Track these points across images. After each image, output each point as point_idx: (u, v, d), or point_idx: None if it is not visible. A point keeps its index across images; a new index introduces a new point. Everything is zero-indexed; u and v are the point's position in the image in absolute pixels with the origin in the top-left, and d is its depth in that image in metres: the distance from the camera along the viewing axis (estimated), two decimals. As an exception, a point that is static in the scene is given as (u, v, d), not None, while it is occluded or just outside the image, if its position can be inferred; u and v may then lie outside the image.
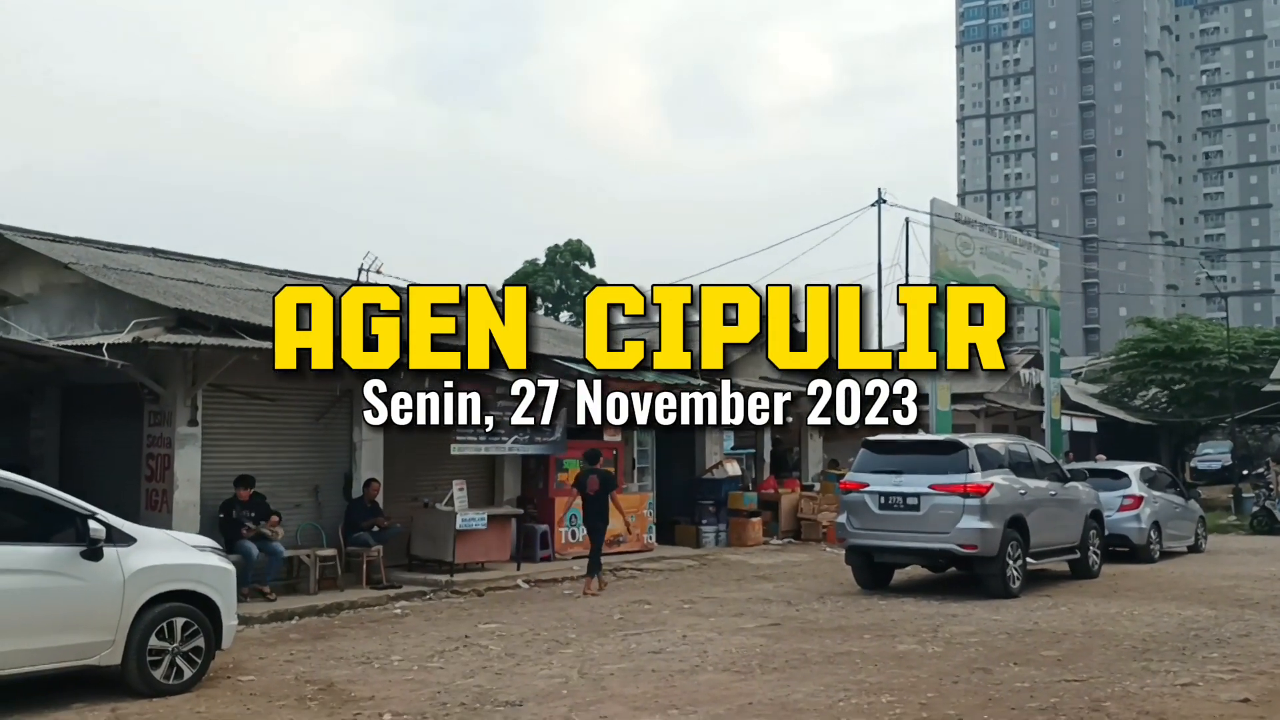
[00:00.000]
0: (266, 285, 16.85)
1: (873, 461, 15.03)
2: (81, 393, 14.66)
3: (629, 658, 10.27)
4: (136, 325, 13.04)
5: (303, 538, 14.76)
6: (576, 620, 12.54)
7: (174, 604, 8.88)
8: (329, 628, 12.27)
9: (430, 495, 16.24)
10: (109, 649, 8.51)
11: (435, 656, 10.42)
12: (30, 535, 8.34)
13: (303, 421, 15.23)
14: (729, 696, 8.62)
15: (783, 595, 14.62)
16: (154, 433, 13.65)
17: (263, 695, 8.80)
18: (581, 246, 51.43)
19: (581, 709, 8.22)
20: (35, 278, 14.82)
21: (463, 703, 8.45)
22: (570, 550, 17.90)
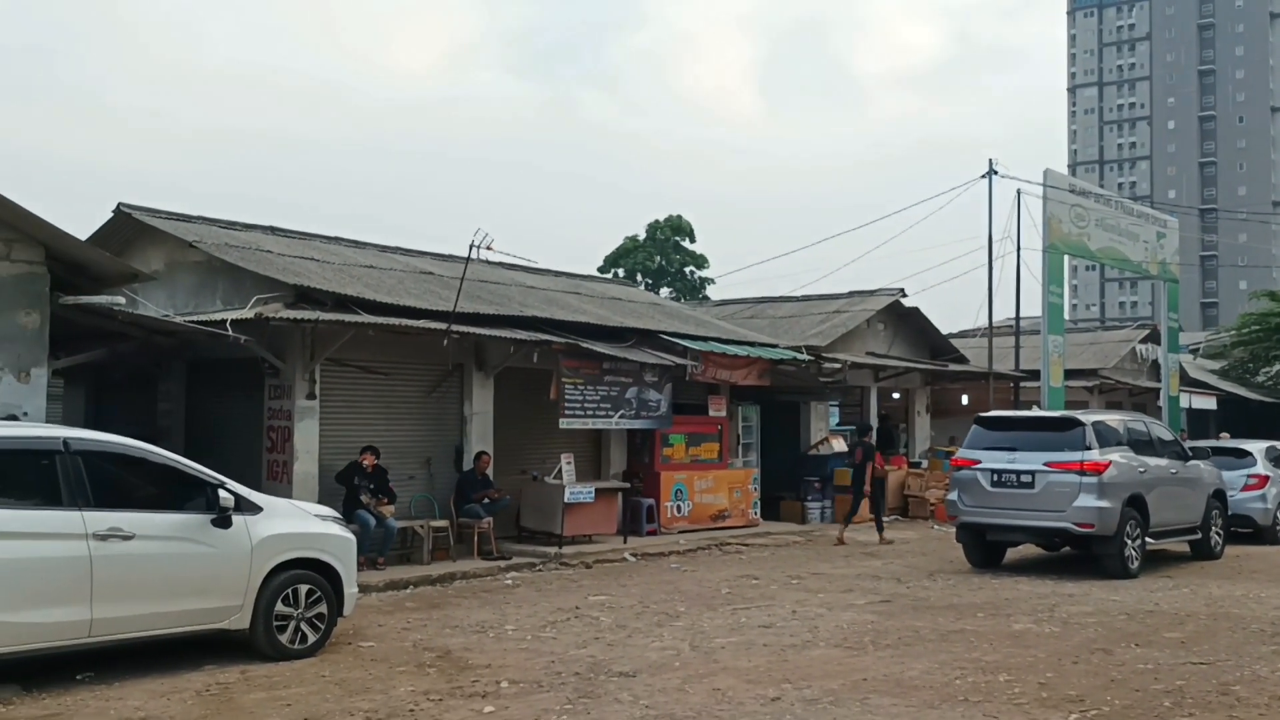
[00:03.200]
0: (379, 262, 17.23)
1: (985, 438, 14.77)
2: (205, 367, 15.17)
3: (739, 631, 10.29)
4: (257, 301, 13.44)
5: (416, 509, 15.09)
6: (685, 594, 12.60)
7: (298, 571, 9.16)
8: (443, 597, 12.54)
9: (538, 468, 16.46)
10: (238, 614, 8.82)
11: (547, 627, 10.57)
12: (164, 503, 8.65)
13: (415, 395, 15.55)
14: (842, 672, 8.58)
15: (891, 572, 14.48)
16: (274, 405, 14.06)
17: (383, 661, 9.03)
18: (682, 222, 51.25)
19: (695, 681, 8.27)
20: (162, 255, 15.37)
21: (577, 672, 8.56)
22: (675, 524, 18.00)
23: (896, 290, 24.59)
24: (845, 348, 22.40)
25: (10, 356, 10.97)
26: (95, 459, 8.33)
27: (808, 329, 22.98)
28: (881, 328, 24.34)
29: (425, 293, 15.73)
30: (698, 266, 51.31)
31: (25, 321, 11.10)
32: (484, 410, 16.09)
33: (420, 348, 14.70)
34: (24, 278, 11.13)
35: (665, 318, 20.40)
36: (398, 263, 17.73)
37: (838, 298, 25.00)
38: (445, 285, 16.24)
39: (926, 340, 25.81)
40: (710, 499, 18.70)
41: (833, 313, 23.85)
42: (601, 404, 16.48)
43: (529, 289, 18.85)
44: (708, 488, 18.68)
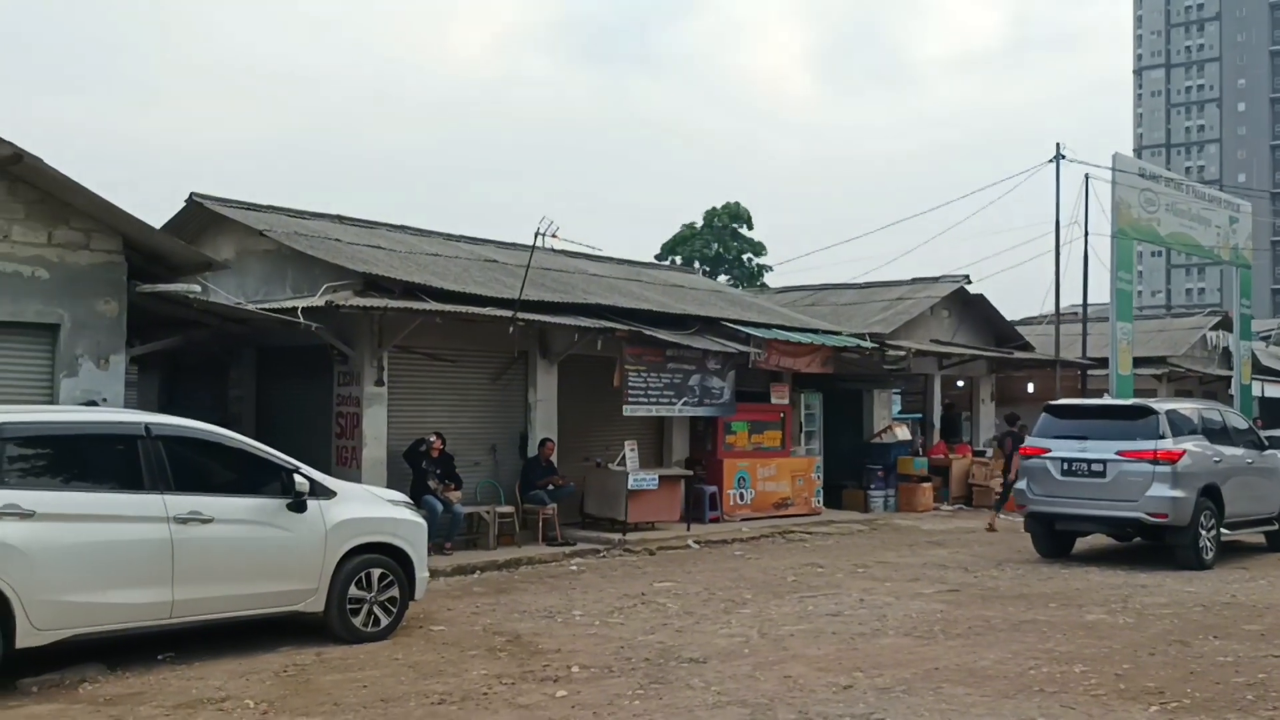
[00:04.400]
0: (445, 250, 17.37)
1: (1055, 426, 14.55)
2: (275, 354, 15.40)
3: (807, 619, 10.26)
4: (327, 289, 13.62)
5: (481, 495, 15.23)
6: (750, 581, 12.58)
7: (371, 555, 9.28)
8: (510, 582, 12.64)
9: (602, 455, 16.52)
10: (313, 597, 8.96)
11: (615, 612, 10.62)
12: (241, 488, 8.80)
13: (481, 382, 15.68)
14: (913, 661, 8.52)
15: (958, 561, 14.35)
16: (343, 392, 14.25)
17: (454, 645, 9.12)
18: (739, 209, 51.02)
19: (765, 668, 8.26)
20: (233, 244, 15.62)
21: (647, 658, 8.59)
22: (738, 512, 17.98)
23: (961, 277, 24.30)
24: (908, 335, 22.19)
25: (90, 343, 11.23)
26: (175, 444, 8.50)
27: (870, 316, 22.80)
28: (945, 315, 24.08)
29: (490, 280, 15.83)
30: (755, 254, 51.09)
31: (104, 309, 11.36)
32: (548, 397, 16.17)
33: (486, 335, 14.80)
34: (103, 267, 11.38)
35: (727, 305, 20.35)
36: (463, 251, 17.86)
37: (900, 284, 24.76)
38: (510, 273, 16.33)
39: (991, 327, 25.48)
40: (773, 487, 18.65)
41: (895, 300, 23.64)
42: (665, 391, 16.48)
43: (592, 276, 18.89)
44: (770, 475, 18.62)
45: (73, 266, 11.17)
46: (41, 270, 10.98)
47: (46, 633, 7.57)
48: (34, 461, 7.96)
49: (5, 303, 10.75)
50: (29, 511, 7.53)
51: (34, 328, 11.00)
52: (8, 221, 10.81)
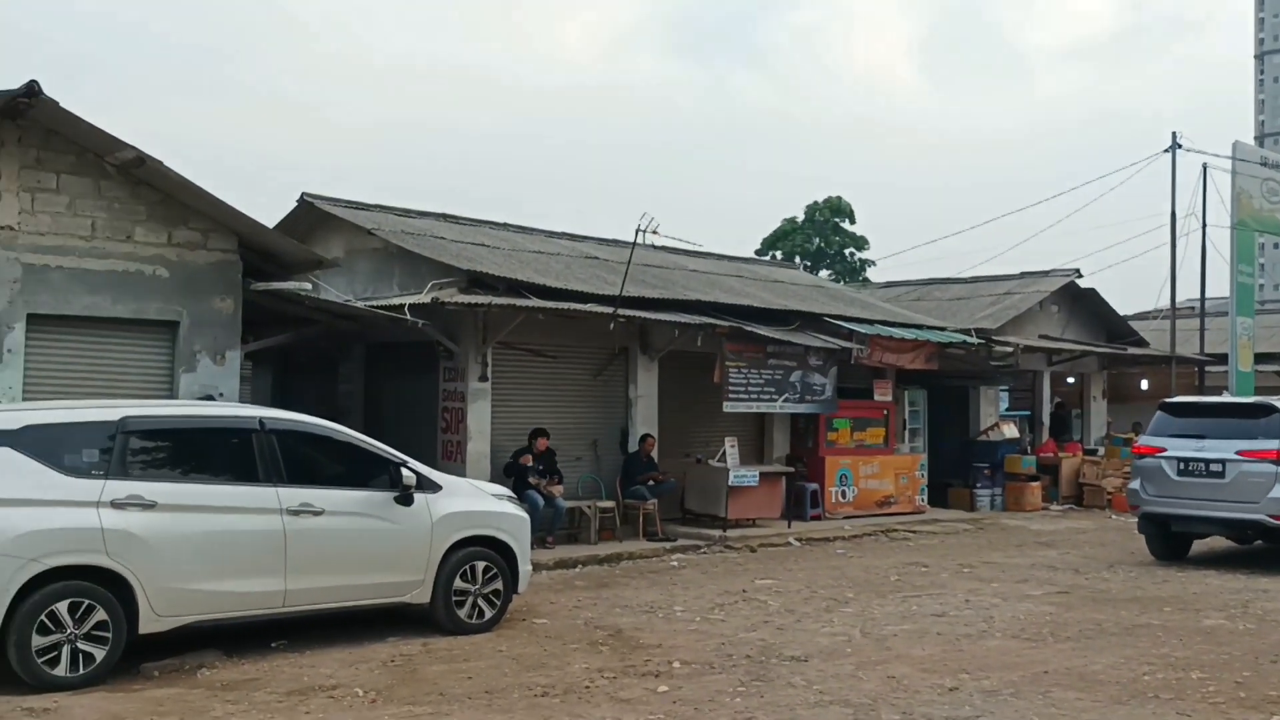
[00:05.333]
0: (547, 247, 17.54)
1: (1170, 425, 14.09)
2: (384, 350, 15.74)
3: (911, 619, 10.12)
4: (433, 286, 13.86)
5: (583, 489, 15.35)
6: (853, 580, 12.45)
7: (475, 548, 9.42)
8: (611, 577, 12.71)
9: (702, 451, 16.51)
10: (419, 588, 9.14)
11: (715, 609, 10.61)
12: (350, 481, 9.01)
13: (582, 378, 15.80)
14: (1021, 664, 8.34)
15: (1068, 563, 14.00)
16: (449, 387, 14.49)
17: (557, 638, 9.22)
18: (841, 203, 50.40)
19: (868, 668, 8.17)
20: (342, 243, 16.00)
21: (748, 655, 8.56)
22: (840, 510, 17.81)
23: (1071, 271, 23.67)
24: (1016, 330, 21.71)
25: (207, 340, 11.62)
26: (287, 437, 8.75)
27: (977, 311, 22.35)
28: (1055, 310, 23.48)
29: (591, 277, 15.93)
30: (858, 248, 50.45)
31: (220, 307, 11.73)
32: (648, 393, 16.23)
33: (587, 331, 14.91)
34: (219, 265, 11.76)
35: (829, 300, 20.16)
36: (564, 248, 18.02)
37: (1008, 279, 24.23)
38: (611, 270, 16.41)
39: (1103, 323, 24.77)
40: (876, 484, 18.42)
41: (1003, 294, 23.14)
42: (765, 387, 16.40)
43: (692, 273, 18.88)
44: (873, 473, 18.40)
45: (191, 265, 11.57)
46: (162, 269, 11.39)
47: (167, 619, 7.86)
48: (155, 454, 8.26)
49: (129, 300, 11.17)
50: (151, 502, 7.82)
51: (155, 324, 11.42)
52: (130, 222, 11.24)
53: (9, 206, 10.52)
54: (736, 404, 16.11)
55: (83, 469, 7.73)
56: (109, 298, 11.05)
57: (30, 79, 9.68)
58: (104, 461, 7.82)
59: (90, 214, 10.99)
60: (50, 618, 7.35)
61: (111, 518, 7.65)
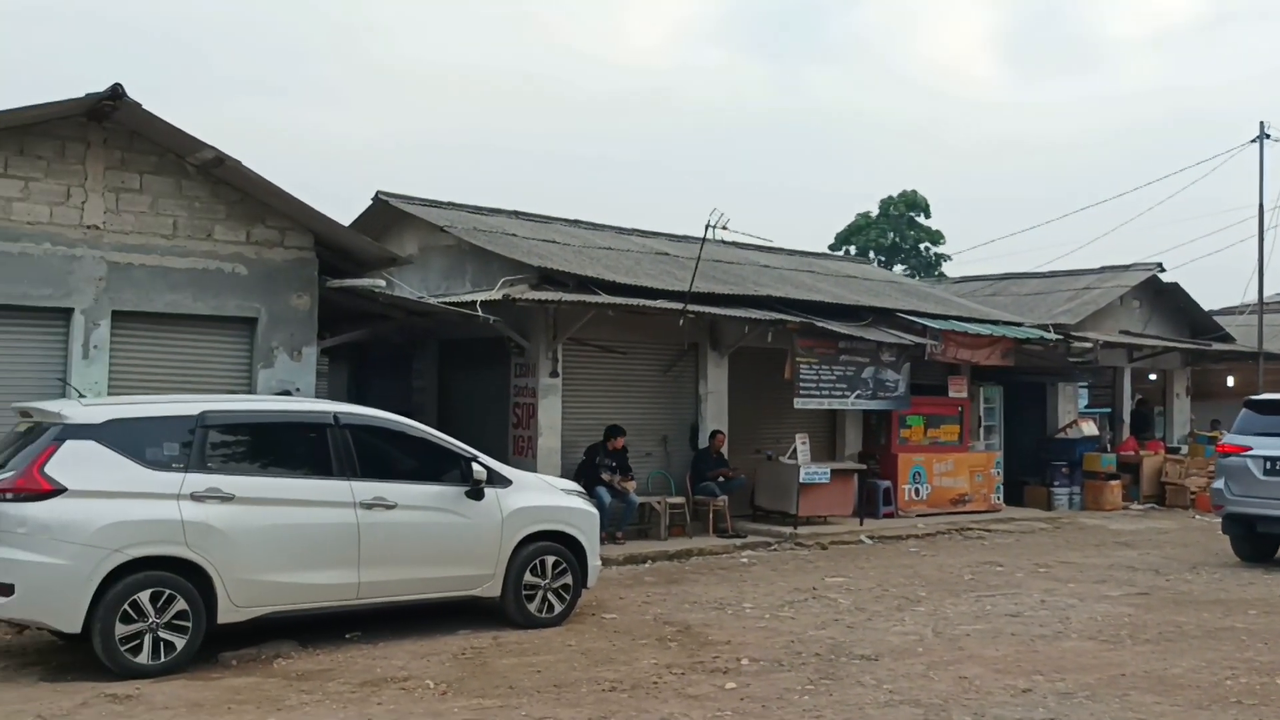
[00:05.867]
0: (617, 243, 17.58)
1: (1256, 423, 13.70)
2: (456, 345, 15.91)
3: (984, 619, 9.97)
4: (505, 283, 13.97)
5: (653, 485, 15.37)
6: (925, 578, 12.30)
7: (545, 543, 9.50)
8: (680, 572, 12.71)
9: (773, 448, 16.44)
10: (489, 582, 9.23)
11: (785, 606, 10.55)
12: (422, 475, 9.12)
13: (652, 374, 15.82)
14: (1098, 666, 8.17)
15: (1148, 563, 13.68)
16: (519, 383, 14.61)
17: (626, 633, 9.24)
18: (916, 197, 49.71)
19: (939, 668, 8.07)
20: (415, 240, 16.20)
21: (817, 653, 8.50)
22: (913, 508, 17.61)
23: (1153, 265, 23.10)
24: (1096, 326, 21.26)
25: (285, 336, 11.84)
26: (361, 432, 8.89)
27: (1054, 306, 21.93)
28: (1136, 305, 22.95)
29: (661, 273, 15.94)
30: (933, 243, 49.75)
31: (297, 303, 11.95)
32: (719, 389, 16.19)
33: (657, 327, 14.92)
34: (296, 263, 11.97)
35: (903, 295, 19.93)
36: (634, 244, 18.04)
37: (1087, 273, 23.73)
38: (681, 265, 16.40)
39: (1186, 318, 24.15)
40: (950, 482, 18.19)
41: (1082, 289, 22.67)
42: (837, 384, 16.28)
43: (763, 268, 18.80)
44: (947, 471, 18.17)
45: (269, 263, 11.80)
46: (241, 267, 11.63)
47: (244, 610, 8.03)
48: (233, 448, 8.45)
49: (209, 297, 11.43)
50: (229, 495, 8.00)
51: (234, 321, 11.68)
52: (210, 221, 11.50)
53: (95, 206, 10.82)
54: (808, 400, 16.00)
55: (164, 462, 7.93)
56: (190, 295, 11.32)
57: (114, 82, 9.95)
58: (184, 455, 8.01)
59: (172, 213, 11.26)
60: (133, 607, 7.56)
61: (191, 510, 7.83)
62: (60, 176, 10.67)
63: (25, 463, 7.64)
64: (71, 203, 10.72)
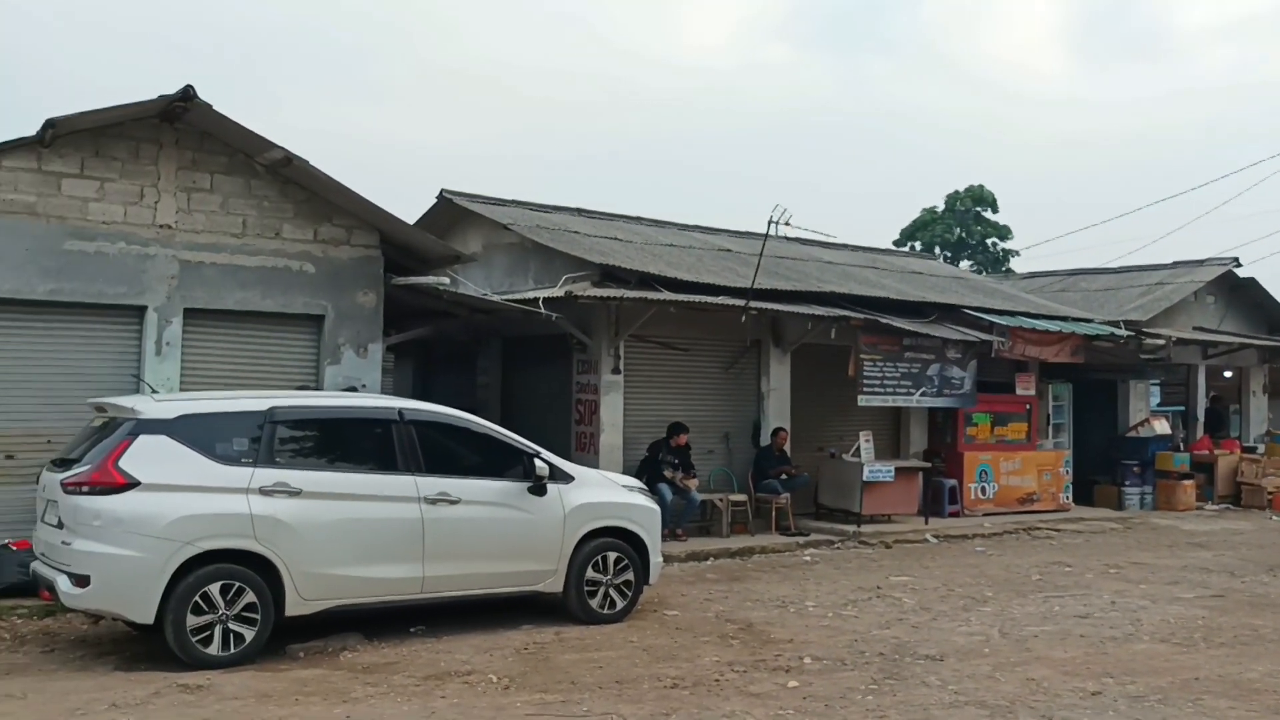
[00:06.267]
0: (679, 240, 17.56)
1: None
2: (519, 342, 16.00)
3: (1052, 620, 9.81)
4: (567, 280, 14.02)
5: (715, 483, 15.33)
6: (992, 578, 12.14)
7: (607, 539, 9.52)
8: (742, 570, 12.67)
9: (836, 446, 16.33)
10: (552, 577, 9.27)
11: (848, 605, 10.47)
12: (485, 471, 9.19)
13: (714, 371, 15.78)
14: (1170, 669, 8.00)
15: (1223, 565, 13.36)
16: (582, 380, 14.65)
17: (687, 630, 9.23)
18: (983, 192, 49.05)
19: (1006, 669, 7.95)
20: (479, 238, 16.31)
21: (881, 653, 8.43)
22: (979, 506, 17.38)
23: (1229, 260, 22.53)
24: (1168, 322, 20.80)
25: (351, 333, 11.99)
26: (425, 428, 8.99)
27: (1125, 303, 21.50)
28: (1211, 301, 22.41)
29: (724, 270, 15.89)
30: (1001, 238, 49.05)
31: (363, 301, 12.10)
32: (781, 386, 16.10)
33: (719, 324, 14.87)
34: (362, 261, 12.12)
35: (969, 292, 19.67)
36: (696, 240, 18.01)
37: (1160, 269, 23.22)
38: (743, 262, 16.33)
39: (1264, 314, 23.51)
40: (1017, 481, 17.91)
41: (1154, 285, 22.19)
42: (901, 381, 16.11)
43: (826, 264, 18.66)
44: (1014, 469, 17.90)
45: (335, 261, 11.95)
46: (308, 265, 11.80)
47: (311, 603, 8.16)
48: (300, 443, 8.58)
49: (277, 295, 11.61)
50: (296, 489, 8.12)
51: (302, 318, 11.85)
52: (279, 220, 11.68)
53: (167, 206, 11.04)
54: (871, 398, 15.86)
55: (233, 457, 8.07)
56: (259, 292, 11.50)
57: (186, 84, 10.14)
58: (253, 450, 8.15)
59: (241, 212, 11.46)
60: (204, 599, 7.71)
61: (260, 504, 7.97)
62: (134, 177, 10.90)
63: (100, 457, 7.82)
64: (145, 202, 10.94)
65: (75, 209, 10.61)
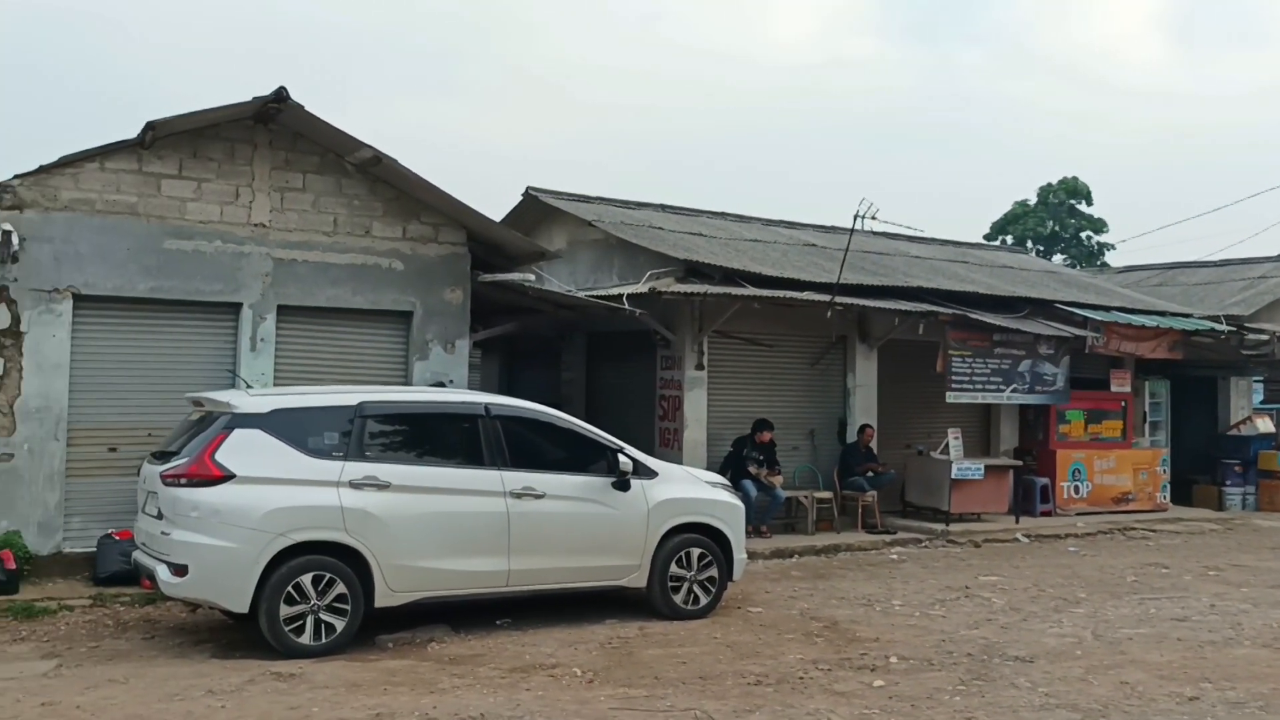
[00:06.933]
0: (764, 236, 17.48)
1: None
2: (604, 338, 16.07)
3: (1148, 623, 9.55)
4: (651, 276, 14.04)
5: (800, 479, 15.23)
6: (1085, 579, 11.86)
7: (691, 535, 9.51)
8: (827, 568, 12.57)
9: (924, 443, 16.11)
10: (635, 572, 9.30)
11: (936, 604, 10.32)
12: (569, 465, 9.24)
13: (799, 367, 15.68)
14: (1273, 675, 7.73)
15: (1332, 569, 12.89)
16: (665, 376, 14.67)
17: (771, 627, 9.18)
18: (1077, 184, 47.85)
19: (1099, 672, 7.76)
20: (564, 234, 16.42)
21: (969, 653, 8.29)
22: (1072, 506, 17.02)
23: (1338, 251, 21.71)
24: (1272, 317, 20.08)
25: (439, 329, 12.16)
26: (511, 423, 9.08)
27: (1226, 297, 20.82)
28: (1319, 294, 21.58)
29: (809, 265, 15.76)
30: (1096, 231, 47.86)
31: (451, 298, 12.26)
32: (867, 382, 15.93)
33: (804, 320, 14.76)
34: (449, 258, 12.28)
35: (1061, 286, 19.24)
36: (781, 236, 17.90)
37: (1263, 261, 22.44)
38: (828, 257, 16.19)
39: (1375, 308, 22.60)
40: (1112, 480, 17.49)
41: (1257, 278, 21.46)
42: (991, 377, 15.82)
43: (914, 259, 18.41)
44: (1109, 468, 17.47)
45: (423, 258, 12.13)
46: (397, 262, 11.99)
47: (399, 594, 8.29)
48: (389, 437, 8.72)
49: (367, 292, 11.83)
50: (385, 483, 8.26)
51: (391, 315, 12.05)
52: (369, 218, 11.89)
53: (261, 205, 11.31)
54: (960, 394, 15.60)
55: (324, 450, 8.24)
56: (349, 289, 11.73)
57: (279, 85, 10.38)
58: (343, 444, 8.30)
59: (332, 211, 11.69)
60: (296, 589, 7.89)
61: (350, 497, 8.12)
62: (229, 177, 11.18)
63: (197, 450, 8.04)
64: (240, 202, 11.23)
65: (174, 209, 10.92)
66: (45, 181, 10.44)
